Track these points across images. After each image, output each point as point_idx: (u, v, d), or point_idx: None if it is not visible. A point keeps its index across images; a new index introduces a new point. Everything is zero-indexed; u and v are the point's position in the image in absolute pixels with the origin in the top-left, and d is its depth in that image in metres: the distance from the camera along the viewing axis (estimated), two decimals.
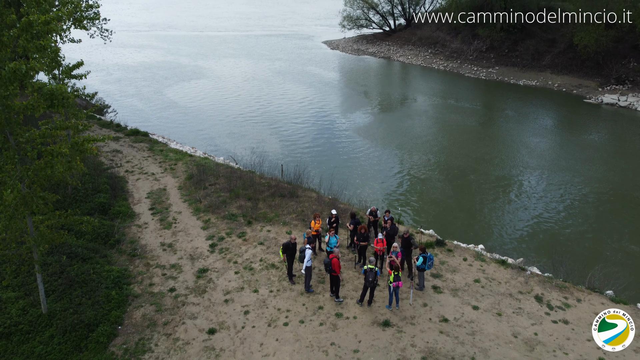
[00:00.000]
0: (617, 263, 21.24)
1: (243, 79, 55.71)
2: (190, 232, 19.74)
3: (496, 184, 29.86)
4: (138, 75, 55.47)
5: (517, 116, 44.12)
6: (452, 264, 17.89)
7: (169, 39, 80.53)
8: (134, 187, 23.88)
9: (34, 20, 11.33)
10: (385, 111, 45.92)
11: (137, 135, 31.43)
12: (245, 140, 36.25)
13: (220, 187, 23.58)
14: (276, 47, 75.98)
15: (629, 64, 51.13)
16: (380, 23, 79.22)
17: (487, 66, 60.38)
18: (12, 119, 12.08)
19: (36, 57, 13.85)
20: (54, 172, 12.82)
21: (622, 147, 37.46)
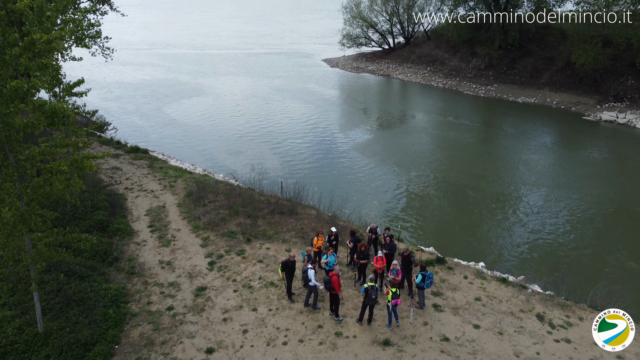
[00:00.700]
0: (618, 280, 21.10)
1: (243, 96, 56.02)
2: (189, 249, 19.64)
3: (496, 200, 29.81)
4: (138, 93, 55.77)
5: (516, 133, 44.26)
6: (453, 282, 17.77)
7: (169, 56, 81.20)
8: (133, 204, 23.83)
9: (36, 39, 11.41)
10: (385, 128, 46.06)
11: (137, 153, 31.48)
12: (245, 157, 36.30)
13: (220, 205, 23.53)
14: (276, 65, 76.56)
15: (627, 81, 51.47)
16: (380, 41, 79.96)
17: (485, 84, 60.77)
18: (12, 136, 12.09)
19: (37, 75, 13.91)
20: (52, 190, 12.79)
21: (622, 164, 37.51)
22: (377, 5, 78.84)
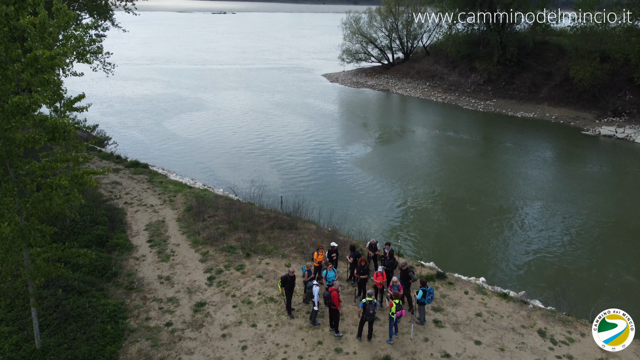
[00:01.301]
0: (620, 296, 20.98)
1: (243, 111, 56.25)
2: (188, 264, 19.56)
3: (496, 215, 29.78)
4: (139, 107, 56.01)
5: (516, 148, 44.38)
6: (453, 297, 17.67)
7: (169, 71, 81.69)
8: (132, 219, 23.79)
9: (39, 55, 11.49)
10: (384, 143, 46.19)
11: (137, 167, 31.50)
12: (244, 171, 36.33)
13: (219, 219, 23.49)
14: (276, 80, 77.02)
15: (625, 96, 51.77)
16: (379, 57, 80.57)
17: (484, 98, 61.10)
18: (13, 151, 12.12)
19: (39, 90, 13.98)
20: (52, 205, 12.79)
21: (621, 178, 37.56)
22: (377, 21, 79.64)
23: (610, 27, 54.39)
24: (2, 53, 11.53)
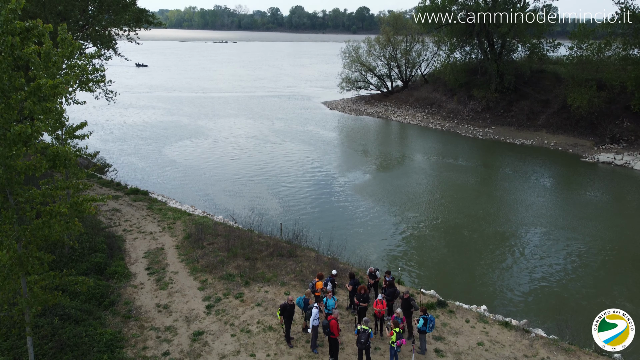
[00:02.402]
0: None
1: (243, 137, 56.59)
2: (186, 292, 19.40)
3: (497, 242, 29.66)
4: (139, 134, 56.37)
5: (515, 174, 44.51)
6: (454, 325, 17.47)
7: (170, 99, 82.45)
8: (131, 246, 23.69)
9: (42, 84, 11.65)
10: (384, 170, 46.34)
11: (136, 194, 31.53)
12: (244, 198, 36.33)
13: (219, 247, 23.39)
14: (276, 107, 77.72)
15: (622, 123, 52.20)
16: (378, 85, 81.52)
17: (483, 126, 61.56)
18: (13, 178, 12.16)
19: (41, 118, 14.12)
20: (51, 232, 12.76)
21: (622, 205, 37.56)
22: (375, 50, 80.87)
23: (606, 56, 55.21)
24: (5, 82, 11.69)
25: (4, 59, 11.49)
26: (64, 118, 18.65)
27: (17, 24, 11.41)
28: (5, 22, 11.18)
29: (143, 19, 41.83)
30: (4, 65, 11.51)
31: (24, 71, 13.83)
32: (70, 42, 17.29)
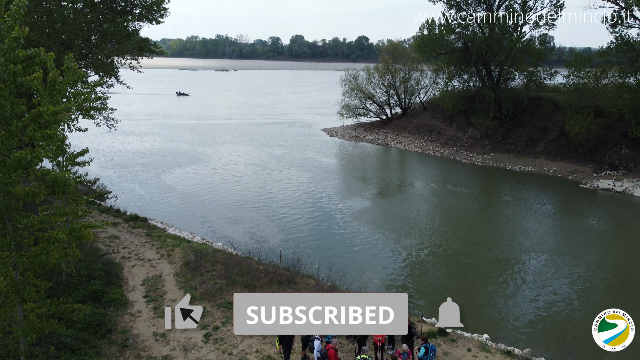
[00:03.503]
0: (628, 354, 20.38)
1: (243, 164, 56.75)
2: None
3: (498, 269, 29.43)
4: (139, 161, 56.55)
5: (515, 201, 44.48)
6: (456, 354, 17.19)
7: (170, 126, 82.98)
8: (129, 273, 23.50)
9: (43, 111, 11.76)
10: (384, 196, 46.33)
11: (135, 221, 31.44)
12: (243, 225, 36.22)
13: (217, 274, 23.20)
14: (276, 134, 78.17)
15: (621, 150, 52.44)
16: (378, 112, 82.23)
17: (482, 152, 61.82)
18: (12, 205, 12.15)
19: (42, 145, 14.20)
20: (49, 259, 12.68)
21: (623, 232, 37.42)
22: (375, 78, 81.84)
23: (602, 84, 55.85)
24: (7, 109, 11.80)
25: (6, 87, 11.63)
26: (66, 145, 18.75)
27: (20, 52, 11.59)
28: (8, 50, 11.36)
29: (145, 47, 42.47)
30: (6, 93, 11.65)
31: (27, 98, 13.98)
32: (76, 71, 17.52)
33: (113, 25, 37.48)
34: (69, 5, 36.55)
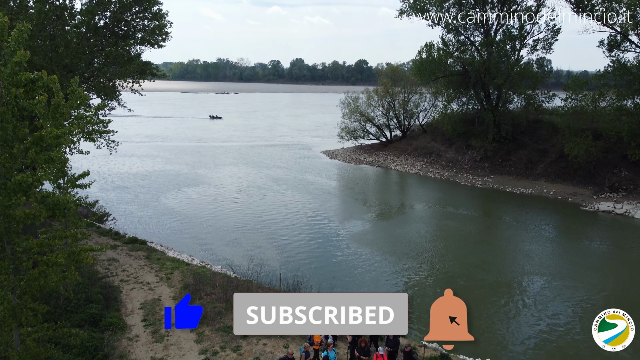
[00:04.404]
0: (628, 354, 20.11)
1: (242, 186, 56.76)
2: (182, 345, 18.90)
3: (498, 292, 29.18)
4: (139, 183, 56.59)
5: (515, 223, 44.36)
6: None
7: (170, 149, 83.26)
8: (127, 297, 23.28)
9: (45, 134, 11.80)
10: (384, 219, 46.22)
11: (135, 244, 31.31)
12: (243, 248, 36.05)
13: (216, 297, 22.99)
14: (276, 156, 78.40)
15: (620, 172, 52.52)
16: (377, 134, 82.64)
17: (482, 175, 61.91)
18: (11, 228, 12.11)
19: (43, 167, 14.21)
20: (47, 282, 12.58)
21: (624, 254, 37.21)
22: (374, 100, 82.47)
23: (600, 107, 56.23)
24: (9, 132, 11.85)
25: (8, 110, 11.70)
26: (67, 167, 18.78)
27: (24, 74, 11.70)
28: (11, 74, 11.46)
29: (147, 71, 42.90)
30: (8, 116, 11.71)
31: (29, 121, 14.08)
32: (80, 94, 17.67)
33: (115, 49, 37.94)
34: (72, 29, 37.06)
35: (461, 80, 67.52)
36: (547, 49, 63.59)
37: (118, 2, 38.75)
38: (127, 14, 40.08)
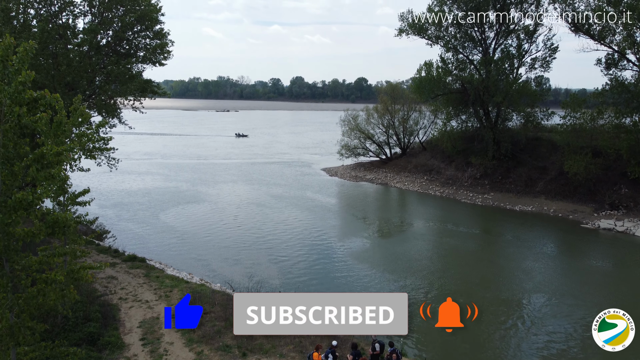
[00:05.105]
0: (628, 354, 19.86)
1: (242, 204, 56.72)
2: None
3: (501, 310, 28.94)
4: (138, 200, 56.55)
5: (516, 241, 44.22)
6: None
7: (170, 166, 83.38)
8: (126, 315, 23.10)
9: (46, 152, 11.84)
10: (384, 236, 46.09)
11: (134, 261, 31.18)
12: (242, 265, 35.88)
13: (216, 316, 22.81)
14: (276, 174, 78.49)
15: (620, 190, 52.52)
16: (377, 152, 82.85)
17: (482, 192, 61.90)
18: (11, 245, 12.07)
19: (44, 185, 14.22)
20: (46, 300, 12.50)
21: (626, 272, 37.04)
22: (374, 118, 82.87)
23: (599, 124, 56.48)
24: (10, 150, 11.89)
25: (10, 128, 11.76)
26: (67, 185, 18.79)
27: (27, 92, 11.78)
28: (15, 93, 11.55)
29: (148, 89, 43.20)
30: (10, 134, 11.77)
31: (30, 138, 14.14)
32: (83, 112, 17.77)
33: (117, 67, 38.26)
34: (75, 48, 37.43)
35: (460, 98, 67.93)
36: (545, 67, 64.15)
37: (120, 21, 39.21)
38: (129, 33, 40.52)
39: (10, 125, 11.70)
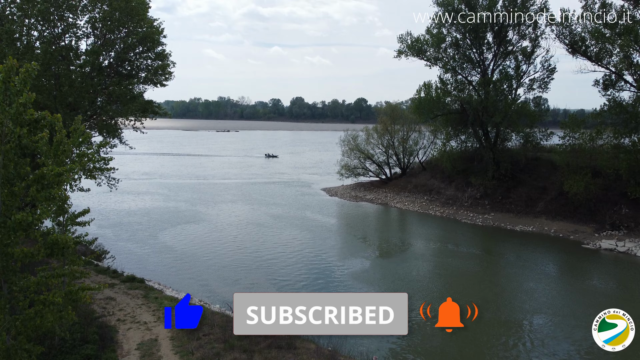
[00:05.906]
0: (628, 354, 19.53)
1: (241, 224, 56.59)
2: None
3: (499, 330, 28.66)
4: (138, 220, 56.42)
5: (517, 261, 44.01)
6: None
7: (169, 186, 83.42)
8: (124, 337, 22.81)
9: (47, 172, 11.86)
10: (384, 256, 45.88)
11: (132, 282, 30.91)
12: (242, 286, 35.63)
13: (215, 338, 22.52)
14: (276, 193, 78.49)
15: (621, 210, 52.45)
16: (377, 172, 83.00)
17: (482, 212, 61.81)
18: (9, 266, 12.00)
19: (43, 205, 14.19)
20: (43, 322, 12.38)
21: (627, 293, 36.77)
22: (374, 138, 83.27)
23: (598, 145, 56.70)
24: (11, 170, 11.90)
25: (11, 149, 11.79)
26: (67, 205, 18.75)
27: (29, 112, 11.84)
28: (16, 114, 11.61)
29: (149, 109, 43.47)
30: (11, 155, 11.79)
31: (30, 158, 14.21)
32: (83, 132, 17.83)
33: (119, 88, 38.55)
34: (77, 69, 37.77)
35: (459, 118, 68.31)
36: (543, 88, 64.68)
37: (123, 43, 39.64)
38: (131, 54, 40.93)
39: (11, 146, 11.74)
